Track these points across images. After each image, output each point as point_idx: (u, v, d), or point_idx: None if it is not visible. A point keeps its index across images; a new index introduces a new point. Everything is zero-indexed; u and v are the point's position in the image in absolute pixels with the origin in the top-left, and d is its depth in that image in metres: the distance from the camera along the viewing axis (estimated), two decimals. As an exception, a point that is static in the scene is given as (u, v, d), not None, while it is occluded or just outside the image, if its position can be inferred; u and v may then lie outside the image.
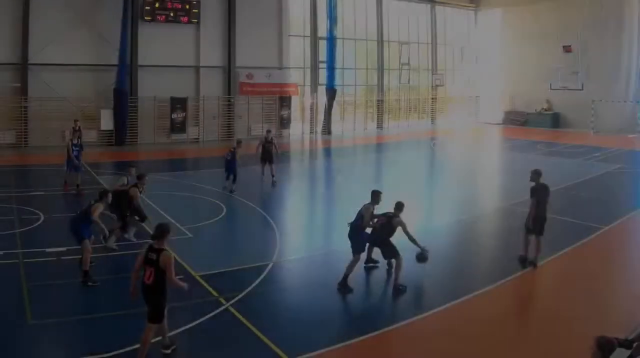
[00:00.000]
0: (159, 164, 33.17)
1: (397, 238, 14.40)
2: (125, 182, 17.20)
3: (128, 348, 10.07)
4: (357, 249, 14.07)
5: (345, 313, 12.73)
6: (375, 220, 14.55)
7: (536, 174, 15.79)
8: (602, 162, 35.56)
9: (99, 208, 14.36)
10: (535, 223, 15.46)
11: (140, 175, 17.06)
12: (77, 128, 25.89)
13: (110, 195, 15.17)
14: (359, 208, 14.44)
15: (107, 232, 15.39)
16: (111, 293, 12.99)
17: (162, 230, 9.99)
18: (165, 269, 9.54)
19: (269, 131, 28.27)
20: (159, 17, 42.84)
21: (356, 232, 14.31)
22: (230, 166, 24.70)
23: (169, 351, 10.30)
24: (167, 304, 10.00)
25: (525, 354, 10.98)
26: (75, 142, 24.08)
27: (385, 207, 14.80)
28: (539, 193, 15.57)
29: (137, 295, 9.99)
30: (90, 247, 14.00)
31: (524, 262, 15.70)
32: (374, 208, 14.63)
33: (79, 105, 39.67)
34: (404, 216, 14.39)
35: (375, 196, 14.69)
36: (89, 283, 13.46)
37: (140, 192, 16.88)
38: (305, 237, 19.27)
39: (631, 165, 34.59)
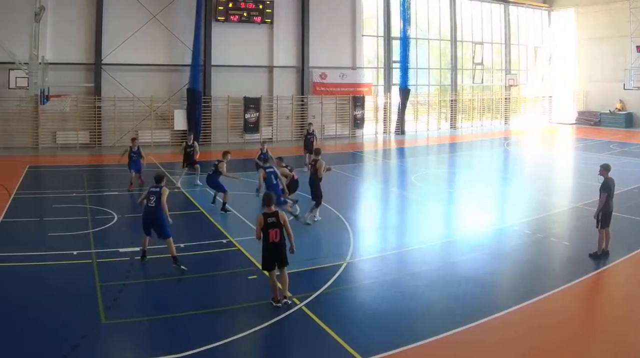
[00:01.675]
0: (233, 164, 29.74)
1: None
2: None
3: (202, 348, 9.58)
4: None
5: (418, 313, 11.59)
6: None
7: (605, 169, 15.05)
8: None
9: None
10: (605, 217, 14.74)
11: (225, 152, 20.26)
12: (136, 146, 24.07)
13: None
14: None
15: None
16: (183, 293, 12.41)
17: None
18: None
19: (310, 124, 28.16)
20: (232, 17, 39.68)
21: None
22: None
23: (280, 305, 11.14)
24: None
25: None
26: (134, 149, 23.58)
27: (462, 205, 16.76)
28: (609, 187, 14.84)
29: None
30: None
31: (598, 257, 14.70)
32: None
33: (152, 105, 37.23)
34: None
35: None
36: (182, 267, 13.48)
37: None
38: (379, 236, 17.64)
39: None
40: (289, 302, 11.03)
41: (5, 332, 10.08)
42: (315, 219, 18.07)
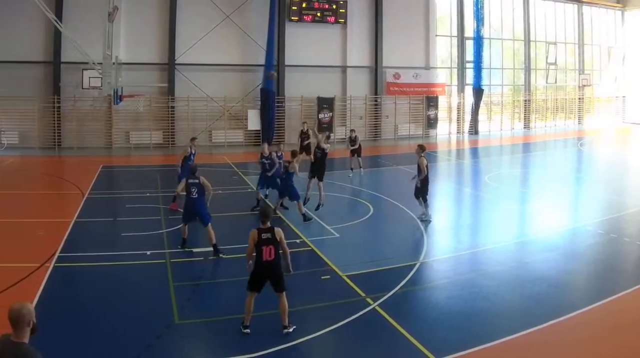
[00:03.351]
0: (306, 164, 28.07)
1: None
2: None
3: (275, 348, 8.86)
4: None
5: (492, 313, 10.60)
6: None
7: None
8: None
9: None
10: None
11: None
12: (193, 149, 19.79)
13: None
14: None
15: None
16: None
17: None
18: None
19: (352, 130, 26.14)
20: (305, 17, 36.41)
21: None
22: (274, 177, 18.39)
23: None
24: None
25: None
26: (192, 151, 19.19)
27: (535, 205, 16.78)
28: None
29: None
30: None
31: None
32: None
33: (225, 105, 34.12)
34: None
35: None
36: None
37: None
38: (453, 236, 16.41)
39: None
40: (290, 330, 9.40)
41: (80, 331, 9.44)
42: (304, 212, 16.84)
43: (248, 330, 9.40)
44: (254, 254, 9.30)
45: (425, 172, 16.55)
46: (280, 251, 9.41)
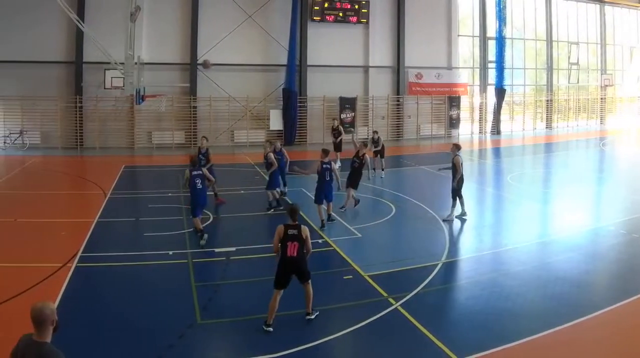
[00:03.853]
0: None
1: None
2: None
3: (297, 348, 8.63)
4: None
5: (514, 313, 10.13)
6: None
7: None
8: None
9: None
10: None
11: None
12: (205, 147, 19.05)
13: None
14: None
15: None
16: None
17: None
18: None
19: (375, 132, 25.36)
20: (327, 17, 35.39)
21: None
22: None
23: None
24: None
25: None
26: (202, 151, 18.63)
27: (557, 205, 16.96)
28: None
29: None
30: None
31: None
32: None
33: (247, 105, 33.15)
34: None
35: None
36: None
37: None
38: (475, 236, 16.00)
39: None
40: (312, 317, 9.55)
41: (102, 331, 9.21)
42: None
43: (271, 329, 9.23)
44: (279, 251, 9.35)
45: (459, 170, 16.24)
46: (305, 251, 9.39)
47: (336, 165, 17.13)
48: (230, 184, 21.12)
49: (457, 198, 16.56)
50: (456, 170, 16.28)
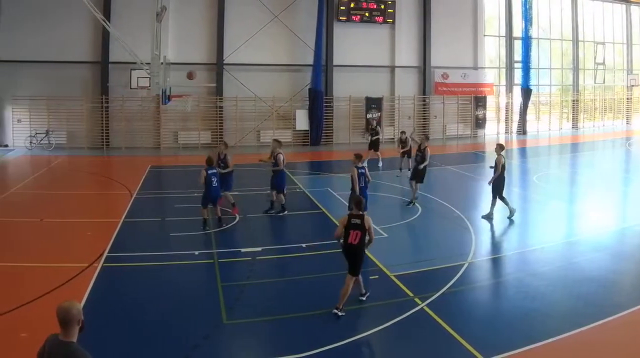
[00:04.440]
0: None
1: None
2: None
3: (323, 348, 8.49)
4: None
5: (540, 313, 9.92)
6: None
7: None
8: None
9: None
10: None
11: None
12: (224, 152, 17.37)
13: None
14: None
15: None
16: (305, 293, 10.92)
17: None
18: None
19: (403, 132, 24.46)
20: (354, 17, 34.31)
21: None
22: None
23: (364, 298, 10.15)
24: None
25: None
26: (221, 156, 17.15)
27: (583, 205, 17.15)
28: None
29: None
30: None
31: None
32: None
33: (274, 105, 32.13)
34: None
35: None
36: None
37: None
38: (501, 236, 15.90)
39: None
40: (339, 314, 9.48)
41: (128, 331, 9.10)
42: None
43: (343, 313, 9.50)
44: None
45: (499, 170, 16.04)
46: (367, 238, 9.65)
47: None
48: (255, 185, 20.64)
49: (498, 198, 16.28)
50: (497, 169, 16.05)
